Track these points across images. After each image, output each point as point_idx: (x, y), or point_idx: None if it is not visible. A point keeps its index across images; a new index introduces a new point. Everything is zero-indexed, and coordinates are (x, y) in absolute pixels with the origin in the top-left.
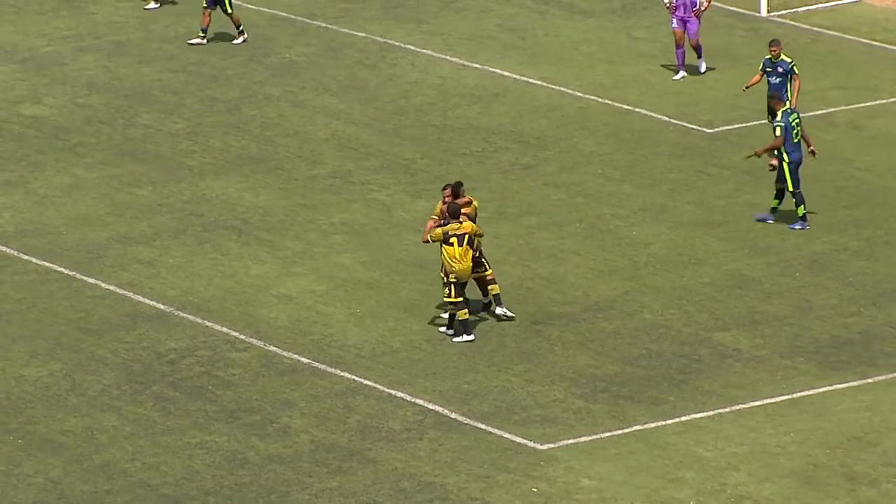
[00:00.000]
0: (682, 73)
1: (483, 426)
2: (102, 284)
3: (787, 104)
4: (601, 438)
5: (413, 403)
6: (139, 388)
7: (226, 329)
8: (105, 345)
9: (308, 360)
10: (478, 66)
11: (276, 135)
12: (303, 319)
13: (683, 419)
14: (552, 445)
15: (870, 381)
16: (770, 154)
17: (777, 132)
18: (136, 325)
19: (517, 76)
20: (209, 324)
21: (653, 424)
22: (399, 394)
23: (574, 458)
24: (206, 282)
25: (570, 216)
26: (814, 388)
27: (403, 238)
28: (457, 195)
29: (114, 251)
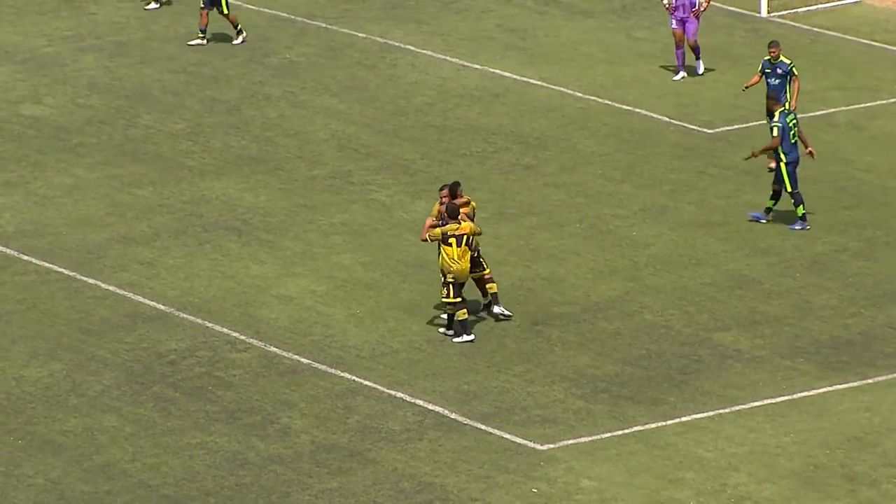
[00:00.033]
0: (683, 74)
1: (483, 427)
2: (103, 285)
3: (787, 105)
4: (601, 439)
5: (413, 404)
6: (139, 389)
7: (226, 330)
8: (105, 345)
9: (308, 361)
10: (478, 67)
11: (277, 135)
12: (303, 320)
13: (684, 420)
14: (552, 446)
15: (870, 382)
16: (769, 156)
17: (774, 132)
18: (137, 326)
19: (517, 77)
20: (209, 324)
21: (653, 425)
22: (399, 394)
23: (574, 459)
24: (207, 282)
25: (571, 217)
26: (814, 389)
27: (403, 239)
28: (454, 195)
29: (114, 252)
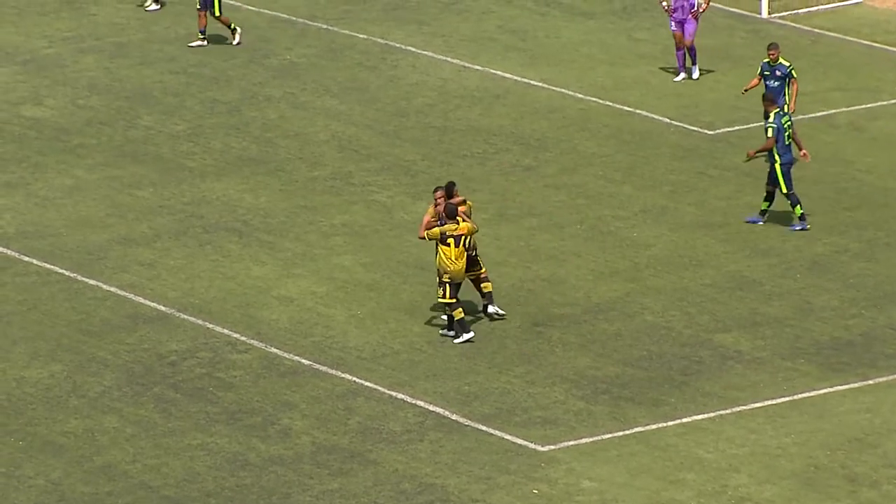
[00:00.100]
0: (683, 75)
1: (484, 428)
2: (103, 286)
3: (785, 107)
4: (602, 440)
5: (414, 405)
6: (140, 390)
7: (227, 331)
8: (106, 346)
9: (309, 362)
10: (479, 68)
11: (277, 136)
12: (304, 321)
13: (684, 421)
14: (553, 447)
15: (871, 383)
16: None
17: (769, 133)
18: (137, 327)
19: (518, 78)
20: (210, 325)
21: (654, 426)
22: (400, 395)
23: (575, 460)
24: (207, 283)
25: (571, 218)
26: (815, 390)
27: (404, 240)
28: (450, 195)
29: (114, 253)
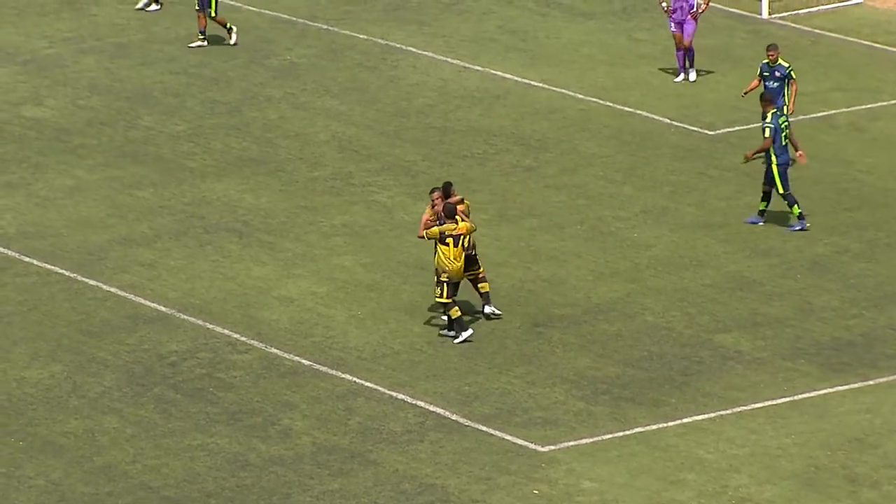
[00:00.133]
0: (683, 76)
1: (484, 428)
2: (104, 286)
3: (784, 107)
4: (602, 440)
5: (414, 405)
6: (140, 391)
7: (227, 331)
8: (106, 347)
9: (309, 362)
10: (479, 69)
11: (277, 137)
12: (304, 321)
13: (685, 421)
14: (553, 447)
15: (871, 383)
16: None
17: (766, 133)
18: (138, 327)
19: (518, 78)
20: (210, 326)
21: (654, 426)
22: (400, 396)
23: (575, 460)
24: (208, 284)
25: (572, 218)
26: (815, 390)
27: (404, 240)
28: (448, 195)
29: (115, 253)
